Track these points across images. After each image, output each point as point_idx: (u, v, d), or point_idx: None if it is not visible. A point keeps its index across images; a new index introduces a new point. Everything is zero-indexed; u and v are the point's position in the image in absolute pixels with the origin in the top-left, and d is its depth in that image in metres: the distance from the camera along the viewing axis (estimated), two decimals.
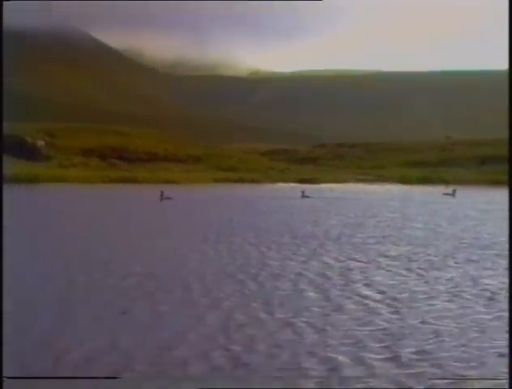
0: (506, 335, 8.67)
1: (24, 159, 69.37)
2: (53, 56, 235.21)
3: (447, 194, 48.58)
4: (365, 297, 11.45)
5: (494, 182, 66.73)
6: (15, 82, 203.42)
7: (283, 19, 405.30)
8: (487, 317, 10.07)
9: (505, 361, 7.50)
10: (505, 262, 15.35)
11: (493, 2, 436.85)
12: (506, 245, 17.43)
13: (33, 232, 22.28)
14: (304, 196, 44.24)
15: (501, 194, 50.43)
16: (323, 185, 64.48)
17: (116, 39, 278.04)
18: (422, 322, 9.60)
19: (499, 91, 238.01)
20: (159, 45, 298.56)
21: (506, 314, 9.84)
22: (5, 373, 6.82)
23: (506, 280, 12.77)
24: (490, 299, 11.40)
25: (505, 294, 11.67)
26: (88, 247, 18.07)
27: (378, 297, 11.49)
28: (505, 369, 7.19)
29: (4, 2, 7.08)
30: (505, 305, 10.69)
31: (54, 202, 40.66)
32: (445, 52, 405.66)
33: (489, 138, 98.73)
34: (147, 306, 10.45)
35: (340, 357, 7.94)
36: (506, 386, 6.78)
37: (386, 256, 16.70)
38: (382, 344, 8.48)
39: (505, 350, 7.90)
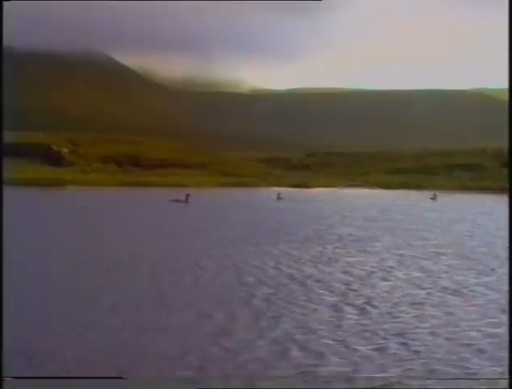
0: None
1: (50, 164, 69.18)
2: (77, 74, 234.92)
3: (432, 198, 49.00)
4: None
5: (462, 188, 66.91)
6: (44, 97, 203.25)
7: (280, 42, 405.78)
8: None
9: None
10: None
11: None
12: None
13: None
14: (279, 198, 44.43)
15: (472, 200, 50.78)
16: (314, 190, 64.21)
17: (131, 59, 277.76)
18: None
19: (470, 108, 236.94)
20: (169, 65, 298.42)
21: None
22: (5, 373, 6.26)
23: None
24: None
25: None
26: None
27: None
28: None
29: (4, 2, 6.44)
30: None
31: (101, 201, 40.82)
32: (436, 72, 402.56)
33: (458, 148, 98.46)
34: None
35: None
36: (506, 386, 6.41)
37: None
38: None
39: None
